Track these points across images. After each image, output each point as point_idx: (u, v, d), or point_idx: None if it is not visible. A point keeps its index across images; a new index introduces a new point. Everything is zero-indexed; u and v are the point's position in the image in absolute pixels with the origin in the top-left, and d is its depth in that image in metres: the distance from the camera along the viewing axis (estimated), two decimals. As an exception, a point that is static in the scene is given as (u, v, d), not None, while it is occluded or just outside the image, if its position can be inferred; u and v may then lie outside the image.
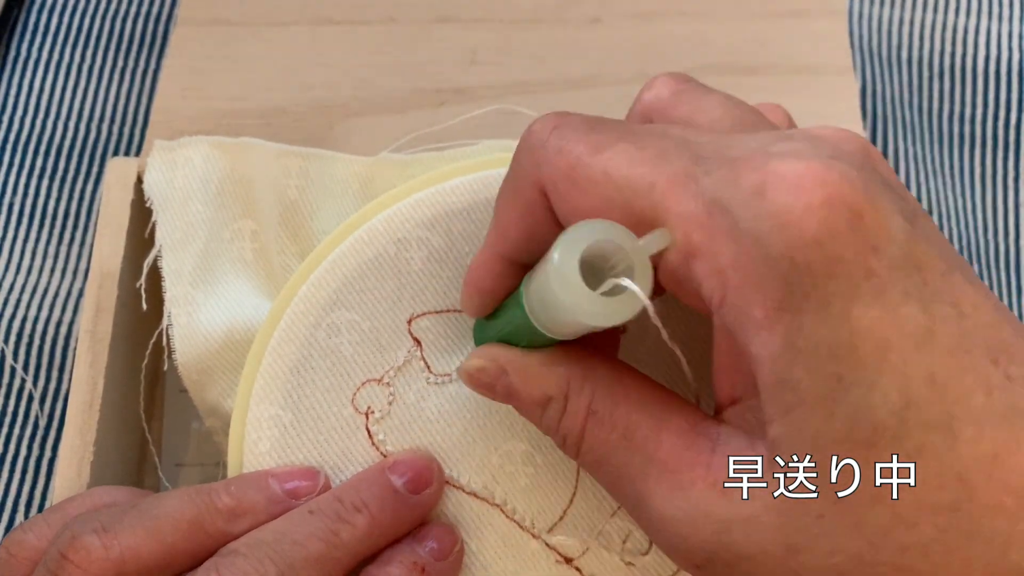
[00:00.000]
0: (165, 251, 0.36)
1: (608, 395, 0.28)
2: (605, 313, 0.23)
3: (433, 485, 0.32)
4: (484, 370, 0.30)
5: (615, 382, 0.28)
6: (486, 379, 0.30)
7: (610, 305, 0.23)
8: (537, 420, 0.29)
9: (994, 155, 0.47)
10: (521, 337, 0.29)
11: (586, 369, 0.28)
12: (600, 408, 0.27)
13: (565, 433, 0.28)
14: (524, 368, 0.29)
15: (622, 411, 0.27)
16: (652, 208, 0.24)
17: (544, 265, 0.25)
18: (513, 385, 0.29)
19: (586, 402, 0.28)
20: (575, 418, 0.28)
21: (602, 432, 0.27)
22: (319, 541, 0.29)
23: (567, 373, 0.28)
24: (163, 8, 0.50)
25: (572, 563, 0.32)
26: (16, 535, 0.31)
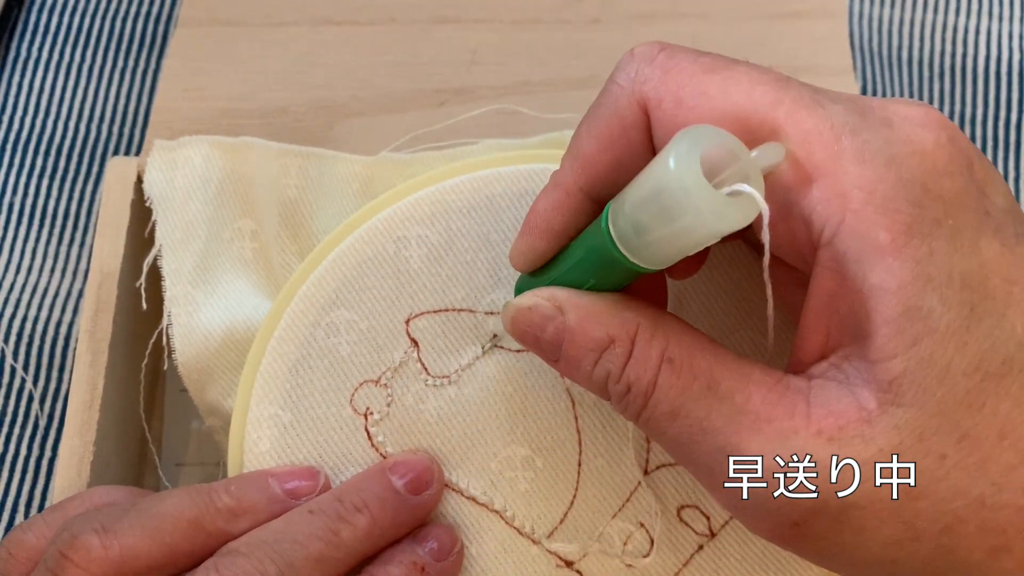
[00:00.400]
0: (165, 251, 0.36)
1: (684, 344, 0.26)
2: (731, 215, 0.22)
3: (433, 486, 0.31)
4: (536, 308, 0.27)
5: (689, 332, 0.26)
6: (536, 318, 0.27)
7: (733, 207, 0.22)
8: (588, 369, 0.27)
9: (995, 155, 0.47)
10: (585, 279, 0.27)
11: (657, 316, 0.26)
12: (677, 356, 0.26)
13: (631, 381, 0.26)
14: (586, 306, 0.27)
15: (701, 361, 0.25)
16: (773, 125, 0.24)
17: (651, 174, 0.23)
18: (570, 325, 0.27)
19: (660, 349, 0.26)
20: (646, 364, 0.26)
21: (680, 381, 0.25)
22: (319, 541, 0.29)
23: (636, 317, 0.26)
24: (163, 8, 0.50)
25: (573, 567, 0.32)
26: (16, 535, 0.31)
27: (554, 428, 0.32)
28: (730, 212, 0.22)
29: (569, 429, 0.32)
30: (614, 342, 0.26)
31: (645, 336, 0.26)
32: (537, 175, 0.33)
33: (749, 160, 0.22)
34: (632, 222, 0.24)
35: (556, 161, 0.34)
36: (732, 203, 0.22)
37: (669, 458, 0.32)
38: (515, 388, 0.33)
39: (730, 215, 0.22)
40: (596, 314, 0.27)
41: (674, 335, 0.26)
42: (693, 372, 0.25)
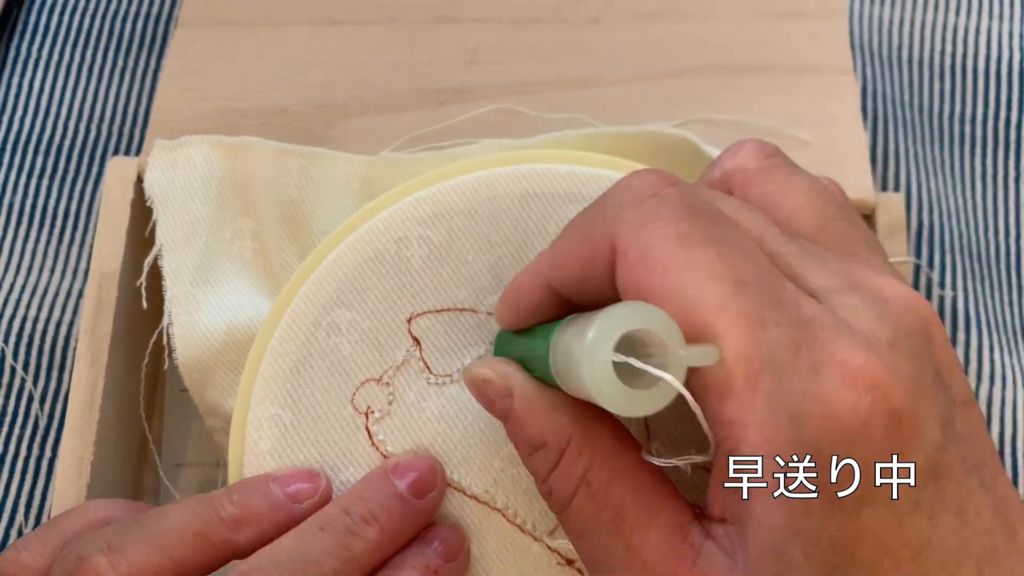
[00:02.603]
0: (165, 250, 0.36)
1: (606, 467, 0.27)
2: (627, 404, 0.23)
3: (437, 487, 0.31)
4: (489, 383, 0.29)
5: (616, 453, 0.27)
6: (489, 392, 0.29)
7: (634, 398, 0.23)
8: (523, 457, 0.28)
9: (995, 155, 0.47)
10: (536, 370, 0.28)
11: (590, 430, 0.27)
12: (595, 480, 0.26)
13: (552, 489, 0.27)
14: (530, 400, 0.28)
15: (617, 490, 0.26)
16: (711, 328, 0.23)
17: (578, 335, 0.24)
18: (514, 413, 0.28)
19: (582, 469, 0.27)
20: (567, 481, 0.27)
21: (592, 506, 0.26)
22: (333, 559, 0.29)
23: (570, 428, 0.27)
24: (163, 8, 0.50)
25: (574, 565, 0.32)
26: (10, 554, 0.31)
27: (555, 428, 0.32)
28: (632, 401, 0.23)
29: (570, 429, 0.32)
30: (545, 446, 0.27)
31: (573, 451, 0.27)
32: (537, 175, 0.33)
33: (676, 354, 0.23)
34: (563, 358, 0.25)
35: (556, 161, 0.34)
36: (636, 394, 0.23)
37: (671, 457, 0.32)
38: (516, 387, 0.33)
39: (632, 403, 0.23)
40: (537, 411, 0.27)
41: (600, 456, 0.27)
42: (605, 501, 0.26)
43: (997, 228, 0.46)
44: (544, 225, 0.33)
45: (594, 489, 0.26)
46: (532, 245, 0.33)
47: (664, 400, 0.23)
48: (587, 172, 0.33)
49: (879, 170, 0.46)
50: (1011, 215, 0.46)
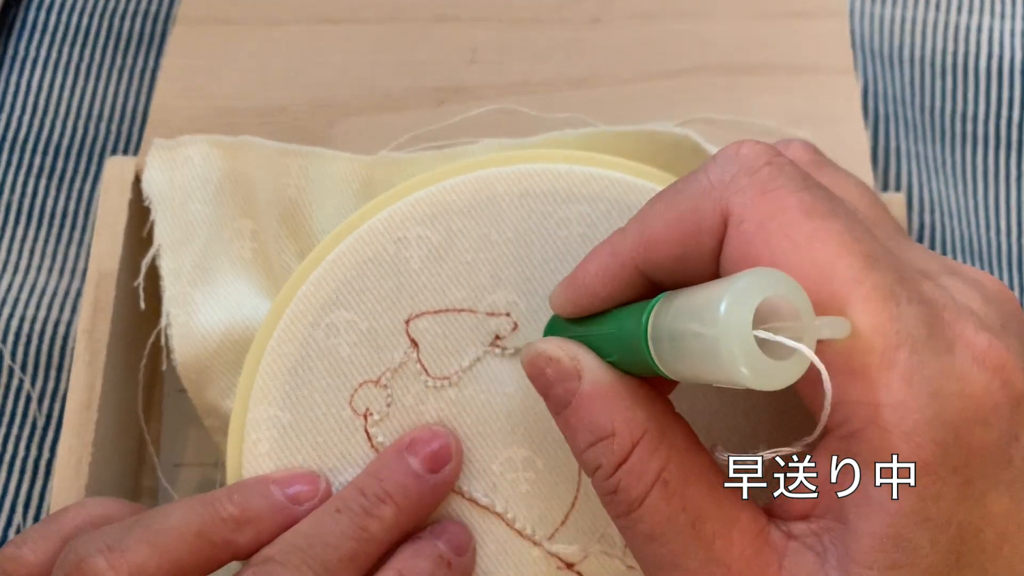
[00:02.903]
0: (164, 250, 0.36)
1: (683, 468, 0.25)
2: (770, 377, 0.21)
3: (452, 460, 0.31)
4: (556, 362, 0.27)
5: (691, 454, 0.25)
6: (551, 372, 0.27)
7: (774, 370, 0.21)
8: (582, 446, 0.26)
9: (996, 154, 0.47)
10: (612, 352, 0.26)
11: (666, 427, 0.25)
12: (673, 480, 0.25)
13: (620, 486, 0.25)
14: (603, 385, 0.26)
15: (695, 492, 0.25)
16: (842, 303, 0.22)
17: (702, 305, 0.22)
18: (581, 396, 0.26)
19: (658, 466, 0.25)
20: (640, 479, 0.25)
21: (669, 509, 0.24)
22: (350, 540, 0.30)
23: (646, 422, 0.25)
24: (162, 7, 0.50)
25: (573, 568, 0.32)
26: (10, 550, 0.31)
27: (555, 429, 0.32)
28: (769, 374, 0.21)
29: (570, 430, 0.32)
30: (614, 437, 0.25)
31: (648, 447, 0.25)
32: (537, 175, 0.33)
33: (811, 325, 0.21)
34: (670, 339, 0.23)
35: (556, 161, 0.34)
36: (773, 366, 0.21)
37: None
38: (516, 388, 0.32)
39: (769, 377, 0.21)
40: (609, 398, 0.26)
41: (676, 454, 0.25)
42: (683, 503, 0.24)
43: (999, 228, 0.46)
44: (543, 224, 0.33)
45: (671, 489, 0.25)
46: (531, 244, 0.33)
47: (796, 374, 0.21)
48: (587, 172, 0.33)
49: (880, 170, 0.46)
50: (1013, 215, 0.46)
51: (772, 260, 0.23)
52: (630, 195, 0.33)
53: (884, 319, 0.22)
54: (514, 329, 0.33)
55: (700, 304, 0.22)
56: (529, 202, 0.33)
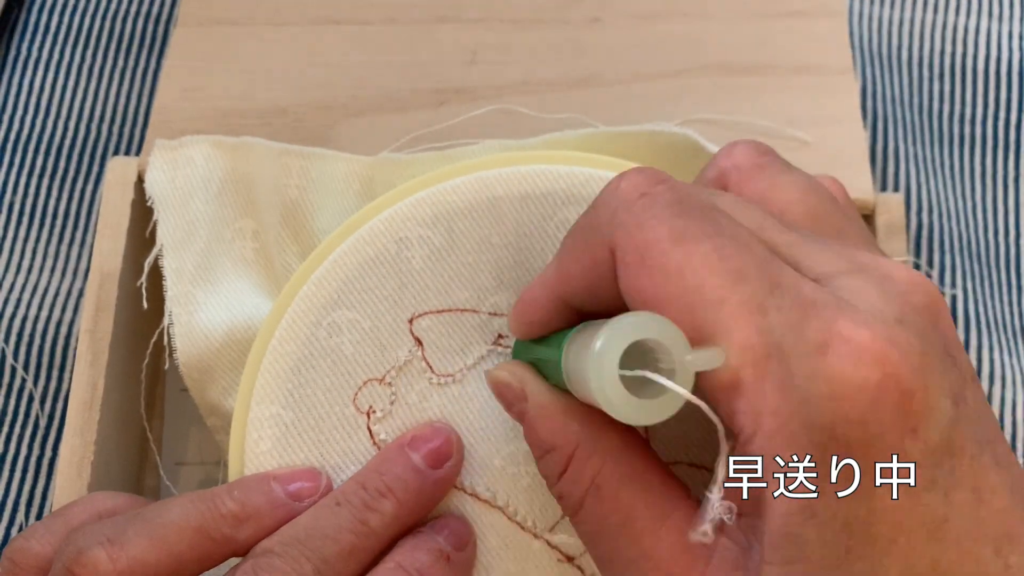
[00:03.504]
0: (166, 250, 0.36)
1: (615, 472, 0.27)
2: (635, 415, 0.23)
3: (454, 457, 0.32)
4: (508, 386, 0.30)
5: (625, 457, 0.27)
6: (507, 394, 0.30)
7: (642, 408, 0.23)
8: (536, 459, 0.29)
9: (994, 155, 0.47)
10: (551, 376, 0.29)
11: (599, 436, 0.27)
12: (604, 485, 0.27)
13: (563, 493, 0.28)
14: (542, 406, 0.28)
15: (626, 494, 0.26)
16: (713, 325, 0.23)
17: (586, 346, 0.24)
18: (528, 416, 0.29)
19: (592, 473, 0.27)
20: (576, 485, 0.27)
21: (601, 510, 0.27)
22: (350, 533, 0.30)
23: (580, 434, 0.27)
24: (163, 8, 0.50)
25: (574, 562, 0.32)
26: (18, 543, 0.31)
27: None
28: (638, 412, 0.23)
29: (571, 428, 0.33)
30: (554, 450, 0.28)
31: (582, 456, 0.27)
32: (537, 176, 0.33)
33: (684, 361, 0.23)
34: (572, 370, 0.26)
35: (557, 162, 0.34)
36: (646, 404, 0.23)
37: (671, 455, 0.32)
38: (518, 387, 0.33)
39: (644, 413, 0.23)
40: (549, 416, 0.28)
41: (609, 460, 0.27)
42: (615, 504, 0.26)
43: (997, 228, 0.46)
44: (544, 226, 0.33)
45: (604, 493, 0.27)
46: (532, 246, 0.33)
47: (674, 407, 0.23)
48: (587, 173, 0.33)
49: (879, 170, 0.46)
50: (1011, 215, 0.47)
51: (654, 293, 0.24)
52: (630, 195, 0.33)
53: (750, 332, 0.23)
54: (516, 329, 0.33)
55: (585, 342, 0.24)
56: (530, 204, 0.33)
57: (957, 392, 0.24)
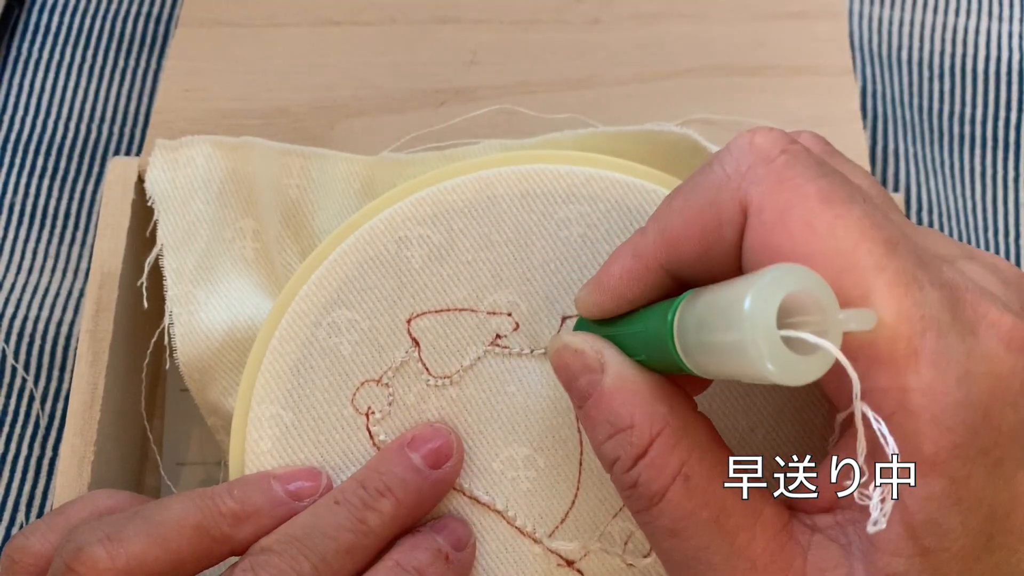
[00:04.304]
0: (167, 250, 0.36)
1: (705, 463, 0.25)
2: (796, 372, 0.21)
3: (453, 457, 0.32)
4: (581, 354, 0.27)
5: (713, 451, 0.25)
6: (577, 364, 0.27)
7: (800, 365, 0.21)
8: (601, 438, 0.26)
9: (994, 155, 0.47)
10: (639, 351, 0.26)
11: (688, 423, 0.25)
12: (695, 475, 0.25)
13: (641, 481, 0.25)
14: (626, 379, 0.26)
15: (717, 487, 0.25)
16: (867, 292, 0.22)
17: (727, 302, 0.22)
18: (603, 389, 0.26)
19: (679, 461, 0.25)
20: (660, 471, 0.25)
21: (690, 503, 0.24)
22: (348, 532, 0.30)
23: (667, 417, 0.25)
24: (164, 8, 0.50)
25: (573, 566, 0.32)
26: (18, 541, 0.31)
27: (556, 427, 0.33)
28: (796, 369, 0.21)
29: (571, 428, 0.33)
30: (632, 429, 0.25)
31: (668, 441, 0.25)
32: (537, 175, 0.34)
33: (835, 319, 0.21)
34: (696, 334, 0.23)
35: (556, 161, 0.34)
36: (799, 361, 0.21)
37: None
38: (517, 388, 0.33)
39: (796, 372, 0.21)
40: (631, 392, 0.26)
41: (698, 450, 0.25)
42: (706, 497, 0.24)
43: (997, 228, 0.46)
44: (544, 224, 0.33)
45: (693, 484, 0.25)
46: (532, 244, 0.33)
47: (823, 368, 0.21)
48: (587, 172, 0.33)
49: (879, 170, 0.46)
50: (1011, 215, 0.47)
51: (794, 250, 0.23)
52: (630, 195, 0.33)
53: (908, 305, 0.22)
54: (515, 329, 0.33)
55: (725, 302, 0.22)
56: (529, 203, 0.33)
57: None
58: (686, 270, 0.26)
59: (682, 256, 0.26)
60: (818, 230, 0.23)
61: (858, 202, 0.23)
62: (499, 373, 0.33)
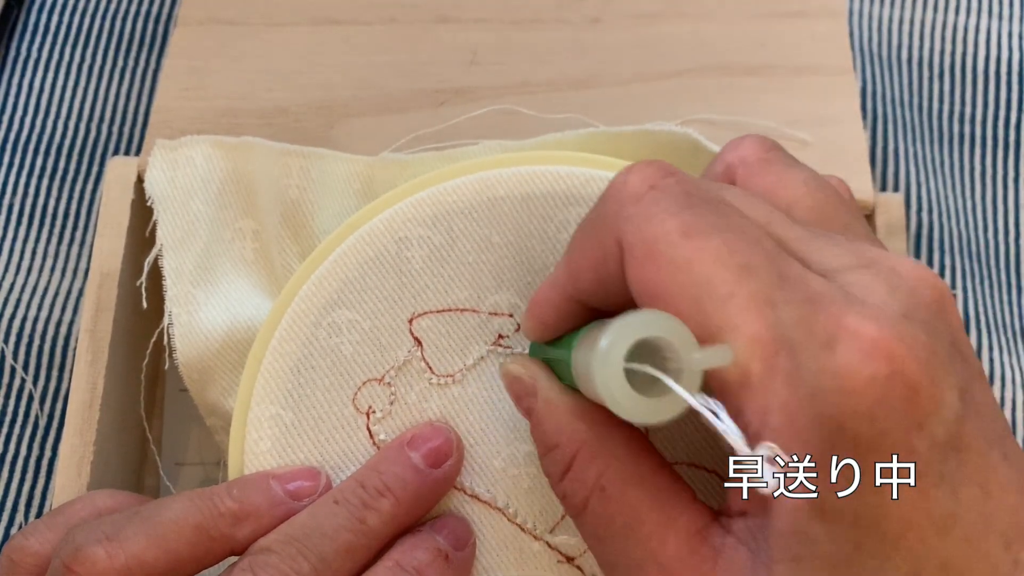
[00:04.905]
0: (166, 250, 0.36)
1: (621, 474, 0.27)
2: (640, 413, 0.23)
3: (453, 456, 0.32)
4: (519, 380, 0.30)
5: (631, 460, 0.27)
6: (517, 388, 0.30)
7: (648, 406, 0.23)
8: (540, 456, 0.29)
9: (994, 154, 0.47)
10: (563, 376, 0.29)
11: (606, 436, 0.27)
12: (610, 486, 0.27)
13: (566, 492, 0.28)
14: (550, 402, 0.28)
15: (632, 495, 0.26)
16: (721, 319, 0.23)
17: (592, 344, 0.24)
18: (535, 411, 0.28)
19: (596, 474, 0.27)
20: (580, 485, 0.27)
21: (606, 511, 0.26)
22: (347, 532, 0.30)
23: (586, 433, 0.27)
24: (163, 8, 0.50)
25: (574, 562, 0.32)
26: (17, 541, 0.31)
27: (556, 427, 0.33)
28: (645, 411, 0.23)
29: (571, 428, 0.33)
30: (558, 448, 0.28)
31: (586, 456, 0.27)
32: (538, 177, 0.33)
33: (692, 359, 0.23)
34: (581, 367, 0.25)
35: (556, 162, 0.34)
36: (650, 403, 0.23)
37: (672, 455, 0.32)
38: (517, 387, 0.33)
39: (649, 413, 0.23)
40: (555, 414, 0.28)
41: (614, 462, 0.27)
42: (620, 506, 0.26)
43: (997, 228, 0.46)
44: (545, 226, 0.33)
45: (608, 494, 0.26)
46: (533, 246, 0.33)
47: (681, 407, 0.23)
48: (587, 173, 0.33)
49: (879, 170, 0.46)
50: (1011, 215, 0.47)
51: (659, 283, 0.24)
52: (630, 195, 0.33)
53: (760, 327, 0.23)
54: (517, 330, 0.33)
55: (592, 341, 0.24)
56: (530, 204, 0.33)
57: (964, 387, 0.24)
58: (591, 299, 0.28)
59: (585, 287, 0.27)
60: (678, 265, 0.24)
61: (719, 231, 0.24)
62: (500, 373, 0.33)
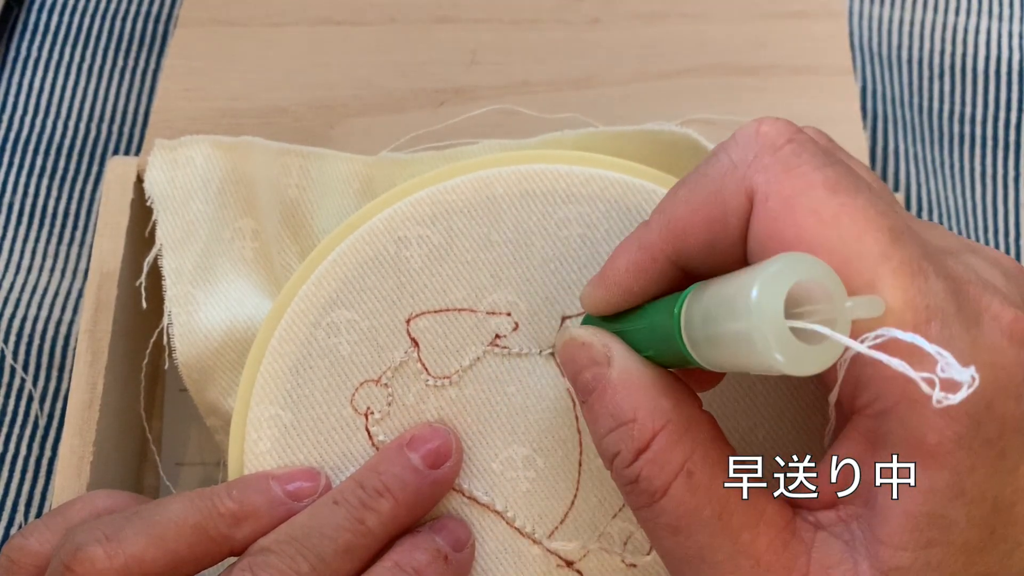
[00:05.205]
0: (166, 250, 0.36)
1: (709, 459, 0.25)
2: (805, 363, 0.21)
3: (452, 457, 0.32)
4: (589, 347, 0.27)
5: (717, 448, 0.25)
6: (583, 357, 0.27)
7: (809, 355, 0.21)
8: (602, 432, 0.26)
9: (994, 155, 0.47)
10: (646, 346, 0.26)
11: (692, 419, 0.25)
12: (698, 471, 0.24)
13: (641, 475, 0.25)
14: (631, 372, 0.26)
15: (720, 485, 0.24)
16: (873, 277, 0.22)
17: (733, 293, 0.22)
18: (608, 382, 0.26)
19: (682, 457, 0.24)
20: (662, 467, 0.24)
21: (693, 500, 0.24)
22: (347, 532, 0.30)
23: (671, 412, 0.25)
24: (163, 8, 0.50)
25: (573, 566, 0.32)
26: (16, 541, 0.31)
27: (555, 428, 0.32)
28: (804, 359, 0.21)
29: (570, 428, 0.32)
30: (634, 423, 0.25)
31: (671, 437, 0.25)
32: (537, 175, 0.33)
33: (843, 308, 0.21)
34: (703, 327, 0.23)
35: (555, 161, 0.34)
36: (807, 351, 0.21)
37: None
38: (517, 388, 0.33)
39: (804, 362, 0.21)
40: (635, 386, 0.25)
41: (701, 446, 0.25)
42: (709, 495, 0.24)
43: (997, 228, 0.46)
44: (543, 224, 0.33)
45: (696, 480, 0.24)
46: (532, 244, 0.33)
47: (831, 358, 0.21)
48: (586, 172, 0.33)
49: (878, 170, 0.46)
50: (1011, 215, 0.47)
51: (799, 238, 0.23)
52: (629, 195, 0.33)
53: (913, 294, 0.22)
54: (514, 329, 0.33)
55: (732, 293, 0.22)
56: (529, 202, 0.33)
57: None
58: (692, 261, 0.26)
59: (688, 247, 0.26)
60: (824, 218, 0.23)
61: (863, 191, 0.23)
62: (498, 373, 0.33)
